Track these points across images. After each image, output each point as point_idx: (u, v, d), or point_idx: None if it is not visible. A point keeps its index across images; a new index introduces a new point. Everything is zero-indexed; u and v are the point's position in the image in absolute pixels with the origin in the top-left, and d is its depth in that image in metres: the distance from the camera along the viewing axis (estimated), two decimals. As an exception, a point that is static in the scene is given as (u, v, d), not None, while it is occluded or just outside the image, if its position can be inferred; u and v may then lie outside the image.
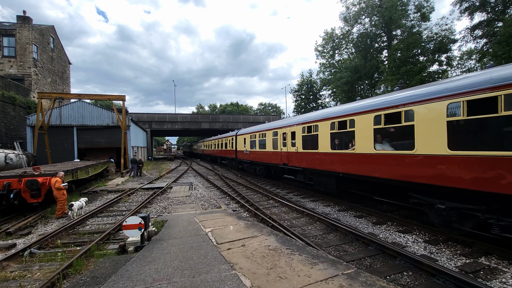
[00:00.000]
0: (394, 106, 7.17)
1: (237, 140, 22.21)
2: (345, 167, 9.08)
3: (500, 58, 19.11)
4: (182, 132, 58.38)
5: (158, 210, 9.41)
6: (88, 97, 23.70)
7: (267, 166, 17.19)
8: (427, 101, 6.28)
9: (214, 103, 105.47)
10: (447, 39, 27.29)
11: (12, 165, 15.25)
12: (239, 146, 21.58)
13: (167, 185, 14.77)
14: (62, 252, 5.74)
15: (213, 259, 4.53)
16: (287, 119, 15.73)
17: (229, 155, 25.11)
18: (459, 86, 5.67)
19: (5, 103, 21.91)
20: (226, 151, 26.31)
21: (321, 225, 7.70)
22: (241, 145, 21.13)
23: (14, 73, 27.77)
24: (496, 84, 4.99)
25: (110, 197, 12.31)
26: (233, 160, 23.80)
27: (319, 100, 46.33)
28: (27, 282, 4.51)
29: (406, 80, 24.57)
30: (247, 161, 20.17)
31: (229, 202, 11.08)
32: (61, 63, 37.20)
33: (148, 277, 3.97)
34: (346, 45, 39.28)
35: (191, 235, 5.93)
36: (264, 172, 17.80)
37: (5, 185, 8.68)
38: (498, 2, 23.81)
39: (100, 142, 26.08)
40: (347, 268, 4.09)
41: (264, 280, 3.74)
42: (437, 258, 5.33)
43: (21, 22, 28.20)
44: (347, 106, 9.66)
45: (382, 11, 30.82)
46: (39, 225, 8.26)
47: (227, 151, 25.90)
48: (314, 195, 11.81)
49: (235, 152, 22.71)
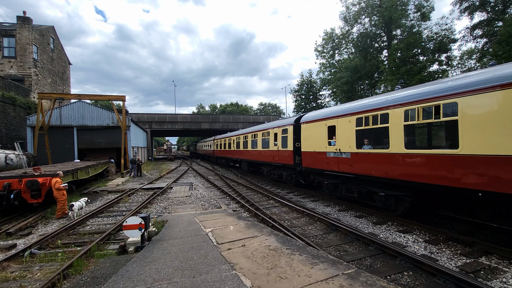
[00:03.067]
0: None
1: (301, 131, 12.49)
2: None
3: (500, 58, 19.08)
4: (182, 132, 58.42)
5: (158, 210, 9.41)
6: (88, 97, 23.71)
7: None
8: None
9: (214, 103, 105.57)
10: (447, 38, 27.29)
11: (13, 165, 15.25)
12: (310, 142, 11.55)
13: (167, 185, 14.77)
14: (62, 252, 5.74)
15: (213, 259, 4.53)
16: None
17: (275, 160, 15.16)
18: None
19: (5, 104, 21.91)
20: (267, 153, 16.48)
21: (322, 225, 7.69)
22: (313, 140, 11.29)
23: (14, 74, 27.78)
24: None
25: (110, 197, 12.31)
26: (292, 170, 13.74)
27: (319, 100, 46.36)
28: (28, 283, 4.51)
29: (406, 80, 24.56)
30: (348, 176, 9.38)
31: (229, 202, 11.08)
32: (61, 63, 37.21)
33: (148, 277, 3.97)
34: (346, 45, 39.27)
35: (191, 235, 5.93)
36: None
37: (5, 186, 8.68)
38: (498, 2, 23.79)
39: (100, 142, 26.08)
40: (348, 268, 4.09)
41: (264, 280, 3.73)
42: (437, 258, 5.32)
43: (21, 22, 28.20)
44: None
45: (382, 11, 30.81)
46: (39, 225, 8.26)
47: (269, 153, 16.01)
48: (314, 195, 11.80)
49: (293, 154, 13.10)
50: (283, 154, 14.21)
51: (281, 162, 14.54)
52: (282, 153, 14.33)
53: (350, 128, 9.00)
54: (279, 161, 14.74)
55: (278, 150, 14.75)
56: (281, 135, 14.42)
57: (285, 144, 14.02)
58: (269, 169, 16.87)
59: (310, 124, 11.67)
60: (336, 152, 9.69)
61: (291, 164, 13.39)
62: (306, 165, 11.97)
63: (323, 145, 10.46)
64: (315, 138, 11.05)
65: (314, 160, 11.20)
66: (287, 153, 13.73)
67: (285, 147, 13.92)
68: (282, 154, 14.33)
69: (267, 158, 16.51)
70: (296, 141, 13.02)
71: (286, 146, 13.89)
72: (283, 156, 14.21)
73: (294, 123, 13.21)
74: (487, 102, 5.29)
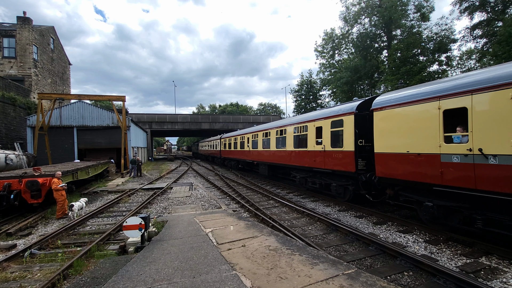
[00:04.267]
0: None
1: (373, 122, 8.46)
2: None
3: (500, 58, 19.10)
4: (182, 132, 58.42)
5: (159, 211, 9.41)
6: (88, 97, 23.72)
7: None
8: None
9: (214, 104, 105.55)
10: (447, 39, 27.32)
11: (13, 165, 15.25)
12: (397, 138, 7.54)
13: (167, 186, 14.77)
14: (62, 252, 5.74)
15: (213, 260, 4.53)
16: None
17: (318, 165, 11.14)
18: None
19: (5, 104, 21.92)
20: (302, 155, 12.43)
21: (322, 225, 7.69)
22: (406, 135, 7.27)
23: (14, 74, 27.80)
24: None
25: (110, 197, 12.31)
26: (349, 179, 9.88)
27: (319, 100, 46.38)
28: (28, 283, 4.51)
29: (406, 80, 24.58)
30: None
31: (229, 203, 11.08)
32: (61, 63, 37.23)
33: (148, 278, 3.97)
34: (346, 45, 39.31)
35: (191, 236, 5.93)
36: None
37: (5, 186, 8.68)
38: (498, 2, 23.82)
39: (100, 142, 26.09)
40: (348, 268, 4.09)
41: (264, 281, 3.73)
42: (437, 258, 5.32)
43: (21, 23, 28.23)
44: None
45: (382, 11, 30.83)
46: (39, 225, 8.26)
47: (307, 154, 11.96)
48: (315, 195, 11.80)
49: (355, 156, 9.27)
50: (334, 156, 10.06)
51: (329, 168, 10.34)
52: (332, 155, 10.16)
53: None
54: (326, 166, 10.53)
55: (324, 150, 10.57)
56: (330, 129, 10.31)
57: (337, 141, 10.01)
58: (303, 176, 12.55)
59: (397, 109, 7.40)
60: (467, 154, 5.61)
61: (350, 171, 9.24)
62: (384, 173, 7.86)
63: (433, 143, 6.31)
64: (412, 131, 6.91)
65: (407, 166, 7.02)
66: (343, 154, 9.60)
67: (338, 147, 9.88)
68: (332, 156, 10.16)
69: (303, 161, 12.23)
70: (358, 138, 9.16)
71: (339, 145, 9.82)
72: (335, 159, 10.04)
73: (356, 110, 9.14)
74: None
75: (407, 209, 8.80)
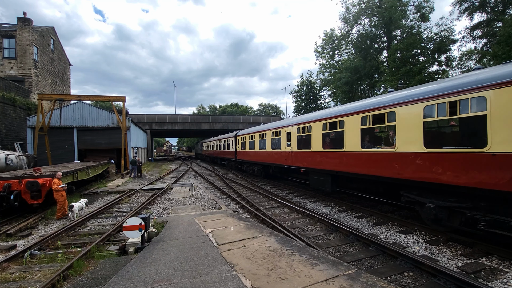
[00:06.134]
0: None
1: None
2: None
3: (500, 58, 19.10)
4: (182, 133, 58.38)
5: (159, 211, 9.40)
6: (88, 98, 23.70)
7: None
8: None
9: (213, 104, 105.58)
10: (447, 39, 27.33)
11: (13, 166, 15.25)
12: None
13: (168, 186, 14.77)
14: (62, 253, 5.73)
15: (213, 260, 4.52)
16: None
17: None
18: None
19: (5, 105, 21.93)
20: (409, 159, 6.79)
21: (322, 225, 7.69)
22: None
23: (15, 75, 27.82)
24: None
25: (110, 198, 12.31)
26: None
27: (319, 101, 46.42)
28: (28, 284, 4.51)
29: (406, 81, 24.59)
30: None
31: (229, 203, 11.07)
32: (61, 64, 37.26)
33: (148, 278, 3.96)
34: (346, 45, 39.34)
35: (191, 236, 5.93)
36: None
37: (5, 187, 8.68)
38: (497, 2, 23.84)
39: (100, 143, 26.10)
40: (348, 268, 4.09)
41: (264, 281, 3.73)
42: (438, 259, 5.32)
43: (21, 23, 28.26)
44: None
45: (382, 11, 30.87)
46: (39, 226, 8.25)
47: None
48: (315, 196, 11.79)
49: None
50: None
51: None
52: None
53: None
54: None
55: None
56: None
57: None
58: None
59: None
60: None
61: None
62: None
63: None
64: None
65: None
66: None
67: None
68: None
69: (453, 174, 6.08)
70: None
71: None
72: None
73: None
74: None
75: (407, 209, 8.80)
